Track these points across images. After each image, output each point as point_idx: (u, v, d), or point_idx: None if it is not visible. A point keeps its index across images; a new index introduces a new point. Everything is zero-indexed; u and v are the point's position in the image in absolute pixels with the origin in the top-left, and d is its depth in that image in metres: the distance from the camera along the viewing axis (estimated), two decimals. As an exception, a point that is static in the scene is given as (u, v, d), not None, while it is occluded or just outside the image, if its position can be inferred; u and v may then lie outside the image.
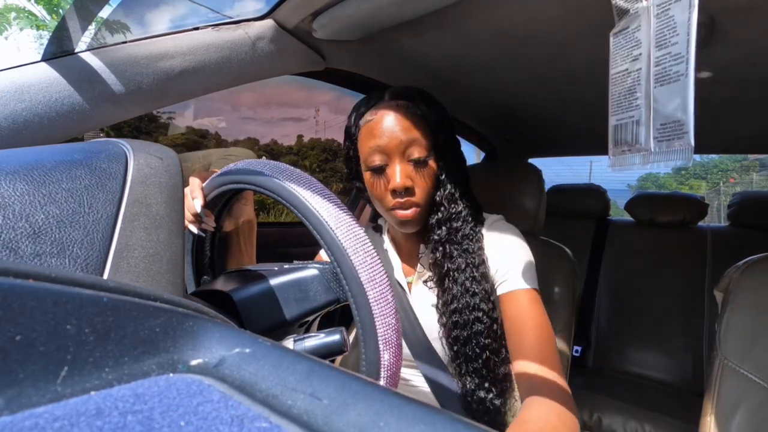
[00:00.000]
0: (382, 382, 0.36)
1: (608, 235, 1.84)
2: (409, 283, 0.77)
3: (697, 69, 0.30)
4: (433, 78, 0.98)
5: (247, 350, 0.17)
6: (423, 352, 0.70)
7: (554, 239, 1.01)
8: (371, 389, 0.15)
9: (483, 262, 0.68)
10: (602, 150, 1.65)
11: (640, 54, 0.35)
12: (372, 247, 0.37)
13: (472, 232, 0.70)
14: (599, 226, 1.88)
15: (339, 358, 0.85)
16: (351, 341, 0.77)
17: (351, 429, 0.13)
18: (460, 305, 0.66)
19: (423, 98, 0.69)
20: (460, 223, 0.69)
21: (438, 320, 0.69)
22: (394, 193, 0.65)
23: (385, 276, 0.37)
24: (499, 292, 0.67)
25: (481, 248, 0.70)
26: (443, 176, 0.69)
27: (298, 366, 0.16)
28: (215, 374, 0.16)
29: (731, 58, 0.75)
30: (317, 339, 0.39)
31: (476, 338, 0.65)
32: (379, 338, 0.36)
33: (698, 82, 0.29)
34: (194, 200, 0.49)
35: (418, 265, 0.75)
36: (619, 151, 0.38)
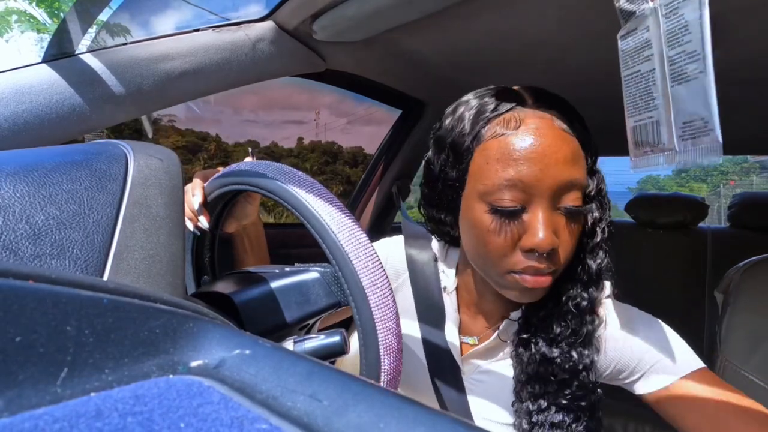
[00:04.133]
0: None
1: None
2: (467, 346, 0.57)
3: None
4: (434, 80, 0.98)
5: (247, 352, 0.17)
6: None
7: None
8: (372, 390, 0.15)
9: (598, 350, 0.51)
10: (605, 151, 1.65)
11: (652, 54, 0.34)
12: (374, 250, 0.37)
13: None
14: (599, 227, 1.88)
15: (339, 360, 0.85)
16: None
17: (351, 430, 0.13)
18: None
19: (574, 111, 0.48)
20: (596, 292, 0.50)
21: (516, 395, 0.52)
22: (531, 253, 0.44)
23: (386, 280, 0.37)
24: (643, 390, 0.50)
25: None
26: (591, 228, 0.49)
27: (299, 367, 0.16)
28: (215, 376, 0.16)
29: (731, 59, 0.75)
30: (317, 340, 0.39)
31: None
32: (380, 343, 0.36)
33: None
34: (193, 197, 0.49)
35: (498, 331, 0.54)
36: (641, 152, 0.37)
